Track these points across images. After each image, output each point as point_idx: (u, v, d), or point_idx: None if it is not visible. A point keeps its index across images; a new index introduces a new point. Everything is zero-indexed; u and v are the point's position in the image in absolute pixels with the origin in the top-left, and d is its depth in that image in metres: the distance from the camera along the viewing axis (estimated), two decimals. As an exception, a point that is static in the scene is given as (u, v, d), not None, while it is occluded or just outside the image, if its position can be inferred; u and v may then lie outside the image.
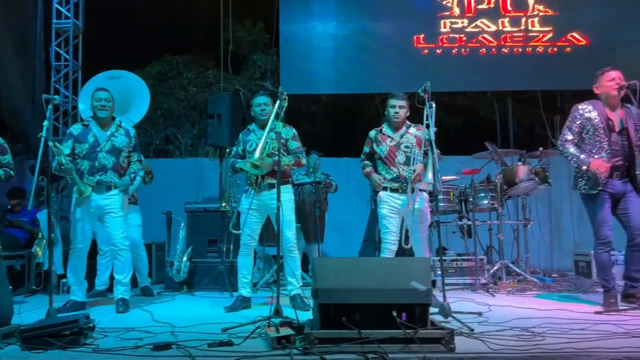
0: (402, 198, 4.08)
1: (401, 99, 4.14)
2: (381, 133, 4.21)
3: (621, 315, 3.47)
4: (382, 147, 4.16)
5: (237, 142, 4.30)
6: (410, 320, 2.50)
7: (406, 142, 4.11)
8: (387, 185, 4.11)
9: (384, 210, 4.11)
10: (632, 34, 7.35)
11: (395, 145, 4.13)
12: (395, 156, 4.11)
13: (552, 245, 7.73)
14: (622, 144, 3.80)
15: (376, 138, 4.21)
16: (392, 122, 4.16)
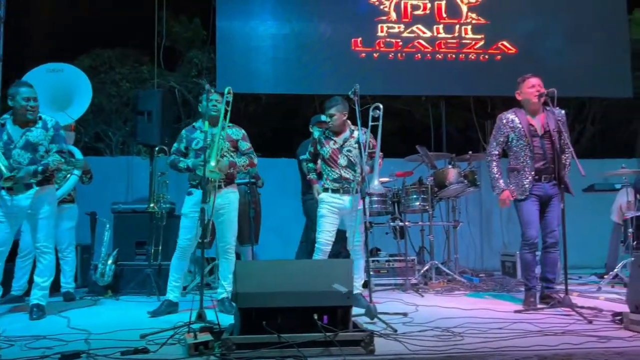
0: (343, 199, 4.11)
1: (330, 108, 4.16)
2: (325, 135, 4.25)
3: (538, 314, 3.62)
4: (325, 149, 4.22)
5: (179, 139, 4.14)
6: (332, 323, 2.49)
7: (349, 146, 4.16)
8: (329, 186, 4.14)
9: (323, 210, 4.14)
10: (557, 44, 7.72)
11: (337, 148, 4.17)
12: (338, 159, 4.15)
13: (482, 246, 8.00)
14: (546, 148, 3.96)
15: (320, 139, 4.26)
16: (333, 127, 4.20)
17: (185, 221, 3.94)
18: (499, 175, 4.08)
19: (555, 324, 3.19)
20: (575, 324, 3.19)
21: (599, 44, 7.82)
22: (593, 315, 3.40)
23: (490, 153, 4.15)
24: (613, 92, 8.34)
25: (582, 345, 2.58)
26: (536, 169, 3.93)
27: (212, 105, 3.95)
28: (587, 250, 7.17)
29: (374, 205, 5.69)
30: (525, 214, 3.94)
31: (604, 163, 7.65)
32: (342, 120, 4.16)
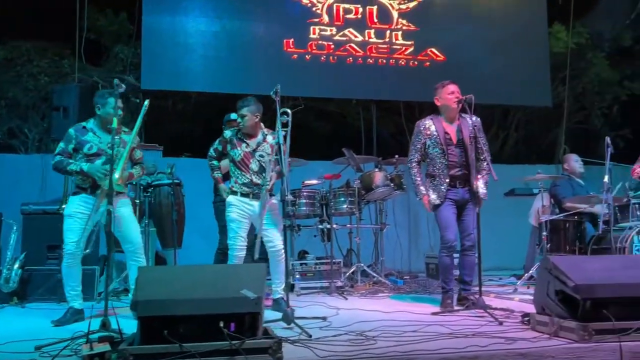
0: (252, 204, 4.00)
1: (241, 108, 4.02)
2: (237, 137, 4.09)
3: (454, 316, 3.68)
4: (236, 152, 4.05)
5: (67, 138, 3.79)
6: (239, 330, 2.39)
7: (261, 150, 4.05)
8: (238, 190, 4.01)
9: (233, 214, 3.99)
10: (482, 54, 7.99)
11: (250, 152, 4.04)
12: (249, 163, 4.02)
13: (410, 248, 8.14)
14: (460, 155, 4.05)
15: (231, 140, 4.09)
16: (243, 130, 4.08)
17: (70, 222, 3.68)
18: (420, 180, 4.13)
19: (468, 325, 3.25)
20: (486, 325, 3.26)
21: (522, 55, 8.18)
22: (505, 317, 3.49)
23: (410, 160, 4.21)
24: (534, 101, 8.75)
25: (488, 347, 2.62)
26: (451, 176, 4.01)
27: (112, 109, 3.67)
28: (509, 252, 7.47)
29: (302, 207, 5.65)
30: (443, 218, 4.02)
31: (526, 168, 7.98)
32: (254, 122, 4.02)
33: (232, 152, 4.06)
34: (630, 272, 2.94)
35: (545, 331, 2.93)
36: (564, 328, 2.81)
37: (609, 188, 4.83)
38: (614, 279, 2.88)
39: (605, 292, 2.81)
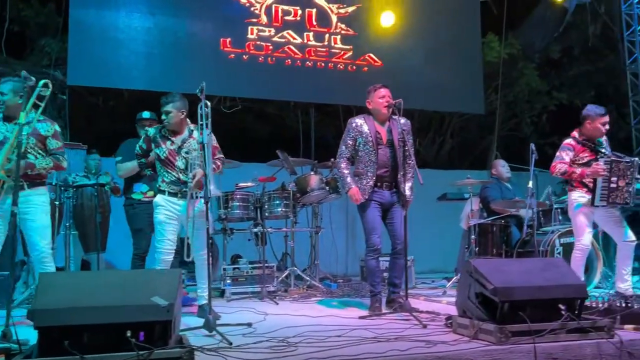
0: (180, 203, 3.85)
1: (166, 104, 3.88)
2: (161, 134, 3.93)
3: (381, 319, 3.67)
4: (161, 149, 3.89)
5: None
6: (149, 340, 2.26)
7: (188, 147, 3.90)
8: (165, 189, 3.84)
9: (160, 215, 3.82)
10: (418, 61, 8.14)
11: (175, 149, 3.89)
12: (175, 161, 3.87)
13: (348, 252, 8.16)
14: (389, 157, 4.08)
15: (155, 138, 3.91)
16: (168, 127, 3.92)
17: None
18: (347, 173, 4.13)
19: (393, 329, 3.24)
20: (411, 328, 3.27)
21: (456, 63, 8.40)
22: (430, 320, 3.52)
23: (339, 155, 4.21)
24: (468, 108, 9.02)
25: (408, 351, 2.61)
26: (378, 176, 4.03)
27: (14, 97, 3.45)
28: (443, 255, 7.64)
29: (235, 210, 5.52)
30: (368, 221, 4.03)
31: (459, 174, 8.18)
32: (179, 118, 3.88)
33: (156, 150, 3.90)
34: (546, 275, 3.03)
35: (466, 334, 2.96)
36: (483, 330, 2.85)
37: (533, 193, 4.99)
38: (531, 282, 2.95)
39: (523, 294, 2.88)
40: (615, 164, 4.19)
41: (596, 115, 4.30)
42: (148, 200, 4.68)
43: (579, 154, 4.30)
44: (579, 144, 4.33)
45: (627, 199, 4.21)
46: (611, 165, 4.17)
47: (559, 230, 5.27)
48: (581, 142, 4.33)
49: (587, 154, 4.29)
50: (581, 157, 4.29)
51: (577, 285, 3.01)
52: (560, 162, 4.30)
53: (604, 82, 11.36)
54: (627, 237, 4.26)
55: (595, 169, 4.14)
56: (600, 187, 4.16)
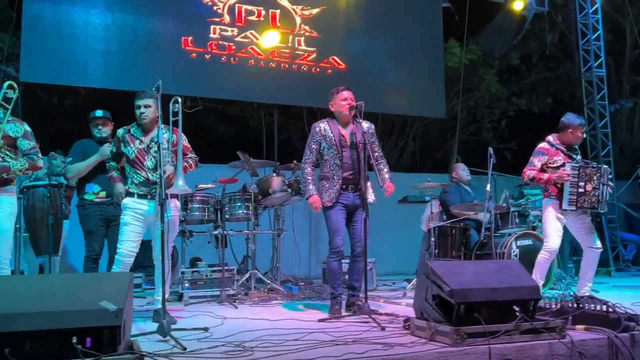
0: (149, 204, 3.75)
1: (147, 97, 3.82)
2: (129, 134, 3.84)
3: (340, 322, 3.65)
4: (129, 149, 3.80)
5: None
6: (97, 346, 2.17)
7: (156, 146, 3.80)
8: (134, 191, 3.75)
9: (127, 217, 3.73)
10: (382, 65, 8.20)
11: (144, 148, 3.80)
12: (144, 160, 3.79)
13: (311, 254, 8.14)
14: (354, 159, 4.08)
15: (124, 138, 3.84)
16: (140, 124, 3.84)
17: None
18: (311, 179, 4.13)
19: (351, 332, 3.23)
20: (369, 331, 3.26)
21: (419, 67, 8.51)
22: (388, 322, 3.52)
23: (304, 159, 4.21)
24: (430, 112, 9.14)
25: (365, 353, 2.60)
26: (343, 178, 4.03)
27: None
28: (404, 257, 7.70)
29: (194, 212, 5.43)
30: (332, 223, 4.02)
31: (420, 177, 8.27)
32: (156, 115, 3.78)
33: (124, 150, 3.83)
34: (501, 277, 3.07)
35: (423, 336, 2.97)
36: (439, 332, 2.87)
37: (491, 196, 5.09)
38: (486, 284, 2.99)
39: (478, 296, 2.91)
40: (582, 169, 4.32)
41: (578, 125, 4.45)
42: (100, 201, 4.56)
43: (553, 157, 4.42)
44: (553, 147, 4.44)
45: (595, 203, 4.34)
46: (579, 170, 4.29)
47: (515, 232, 5.38)
48: (555, 146, 4.44)
49: (560, 157, 4.41)
50: (555, 160, 4.41)
51: (530, 287, 3.07)
52: (530, 169, 4.41)
53: (561, 89, 11.75)
54: (595, 244, 4.39)
55: (560, 174, 4.27)
56: (568, 192, 4.28)
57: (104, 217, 4.61)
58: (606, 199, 4.45)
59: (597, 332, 3.05)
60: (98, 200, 4.60)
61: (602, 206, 4.40)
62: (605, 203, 4.45)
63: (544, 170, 4.41)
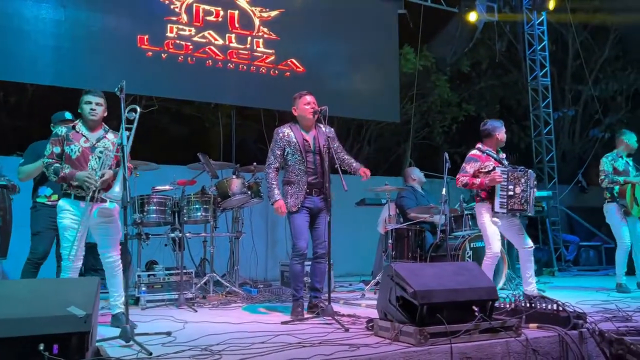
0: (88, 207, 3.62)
1: (99, 96, 3.71)
2: (74, 131, 3.69)
3: (304, 324, 3.69)
4: (73, 147, 3.62)
5: None
6: (64, 352, 2.11)
7: (102, 146, 3.70)
8: (72, 192, 3.60)
9: (65, 220, 3.56)
10: (339, 69, 8.32)
11: (89, 147, 3.67)
12: (88, 160, 3.65)
13: (267, 257, 8.13)
14: (317, 164, 4.13)
15: (67, 136, 3.65)
16: (88, 121, 3.69)
17: None
18: (275, 185, 4.13)
19: (316, 334, 3.27)
20: (333, 332, 3.31)
21: (375, 72, 8.67)
22: (351, 323, 3.59)
23: (268, 165, 4.21)
24: (384, 116, 9.33)
25: (332, 355, 2.65)
26: (309, 183, 4.07)
27: None
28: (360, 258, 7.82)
29: (151, 214, 5.32)
30: (296, 226, 4.05)
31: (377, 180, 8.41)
32: (104, 115, 3.71)
33: (67, 149, 3.62)
34: (460, 278, 3.19)
35: (387, 336, 3.05)
36: (403, 333, 2.95)
37: (446, 200, 5.25)
38: (447, 285, 3.10)
39: (440, 297, 3.01)
40: (511, 173, 4.55)
41: (501, 127, 4.74)
42: (51, 204, 4.40)
43: (484, 163, 4.62)
44: (484, 153, 4.66)
45: (524, 205, 4.57)
46: (508, 174, 4.52)
47: (469, 235, 5.58)
48: (486, 152, 4.67)
49: (491, 162, 4.62)
50: (486, 165, 4.62)
51: (488, 287, 3.20)
52: (463, 175, 4.61)
53: (508, 96, 12.25)
54: (526, 244, 4.62)
55: (492, 177, 4.48)
56: (499, 195, 4.49)
57: (54, 221, 4.45)
58: (533, 201, 4.71)
59: (549, 330, 3.22)
60: (50, 204, 4.45)
61: (530, 208, 4.65)
62: (532, 205, 4.70)
63: (476, 176, 4.61)
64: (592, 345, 3.22)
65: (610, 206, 5.74)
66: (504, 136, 4.76)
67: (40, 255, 4.46)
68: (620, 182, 5.62)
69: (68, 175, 3.55)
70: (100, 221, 3.63)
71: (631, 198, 5.61)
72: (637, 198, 5.61)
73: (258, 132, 8.98)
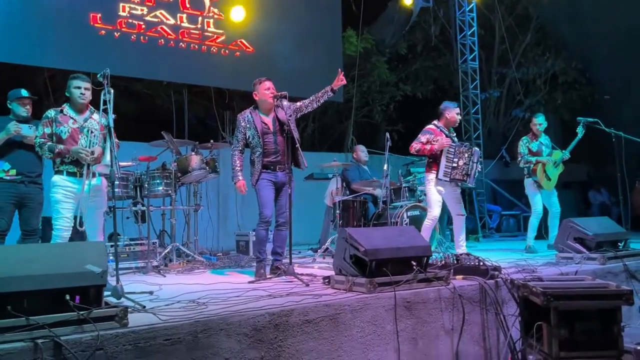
0: (79, 182, 3.98)
1: (87, 81, 4.05)
2: (62, 114, 4.01)
3: (268, 283, 4.24)
4: (63, 128, 3.97)
5: None
6: (84, 302, 2.55)
7: (89, 126, 4.03)
8: (64, 169, 3.95)
9: (58, 195, 3.92)
10: (286, 49, 8.72)
11: (78, 127, 4.01)
12: (78, 139, 3.99)
13: (219, 228, 8.58)
14: (279, 142, 4.61)
15: (56, 119, 3.98)
16: (77, 104, 4.02)
17: None
18: (239, 167, 4.62)
19: (282, 289, 3.82)
20: (296, 287, 3.87)
21: (319, 53, 9.14)
22: (310, 280, 4.17)
23: (233, 148, 4.69)
24: (329, 96, 9.84)
25: (301, 302, 3.22)
26: (269, 162, 4.57)
27: None
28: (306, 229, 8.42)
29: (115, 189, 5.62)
30: (262, 197, 4.55)
31: (323, 156, 9.02)
32: (90, 97, 4.04)
33: (57, 130, 3.95)
34: (402, 239, 3.84)
35: (342, 288, 3.66)
36: (356, 284, 3.57)
37: (387, 174, 5.93)
38: (391, 244, 3.74)
39: (386, 254, 3.64)
40: (457, 148, 5.28)
41: (453, 108, 5.50)
42: (10, 179, 4.56)
43: (437, 137, 5.34)
44: (438, 129, 5.38)
45: (465, 176, 5.31)
46: (455, 148, 5.24)
47: (406, 205, 6.30)
48: (440, 128, 5.41)
49: (442, 136, 5.36)
50: (437, 139, 5.33)
51: (424, 246, 3.88)
52: (416, 143, 5.32)
53: (442, 77, 13.11)
54: (461, 211, 5.39)
55: (441, 142, 5.20)
56: (445, 165, 5.21)
57: (13, 195, 4.58)
58: (475, 175, 5.48)
59: (472, 279, 3.95)
60: (8, 178, 4.58)
61: (470, 180, 5.44)
62: (473, 178, 5.48)
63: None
64: (505, 292, 3.98)
65: (528, 180, 6.63)
66: (454, 116, 5.47)
67: (3, 228, 4.62)
68: (533, 162, 6.50)
69: (63, 150, 3.89)
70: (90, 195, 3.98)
71: (542, 174, 6.50)
72: (547, 174, 6.53)
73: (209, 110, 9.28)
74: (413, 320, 3.52)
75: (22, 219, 4.69)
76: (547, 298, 3.37)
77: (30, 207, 4.62)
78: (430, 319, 3.61)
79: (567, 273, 4.48)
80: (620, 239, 5.28)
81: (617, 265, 4.81)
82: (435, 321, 3.62)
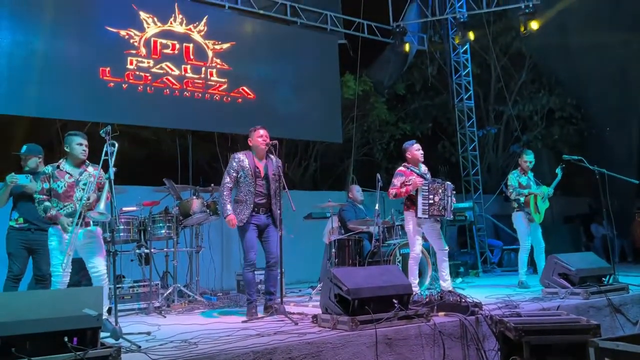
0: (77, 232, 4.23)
1: (85, 137, 4.38)
2: (59, 169, 4.31)
3: (259, 322, 4.46)
4: (59, 184, 4.26)
5: None
6: (81, 343, 2.81)
7: (85, 179, 4.34)
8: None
9: (54, 243, 4.20)
10: (286, 94, 9.17)
11: (74, 181, 4.30)
12: (74, 192, 4.27)
13: (223, 268, 8.80)
14: (266, 187, 4.93)
15: (53, 174, 4.27)
16: (78, 159, 4.33)
17: None
18: (228, 201, 4.91)
19: (271, 327, 4.05)
20: (285, 326, 4.10)
21: (318, 98, 9.59)
22: (300, 319, 4.39)
23: (223, 184, 4.97)
24: (328, 137, 10.25)
25: (286, 340, 3.44)
26: (255, 203, 4.86)
27: None
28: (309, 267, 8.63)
29: (120, 233, 5.92)
30: (247, 240, 4.83)
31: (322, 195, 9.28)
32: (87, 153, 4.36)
33: (54, 185, 4.25)
34: (384, 278, 4.06)
35: (327, 326, 3.87)
36: (340, 322, 3.78)
37: (379, 213, 6.18)
38: (374, 283, 3.96)
39: (367, 293, 3.86)
40: (431, 185, 5.54)
41: (411, 146, 5.80)
42: (19, 227, 4.94)
43: (408, 177, 5.61)
44: (408, 169, 5.65)
45: (442, 211, 5.55)
46: (428, 186, 5.50)
47: (399, 243, 6.51)
48: (410, 168, 5.69)
49: (414, 176, 5.61)
50: (410, 179, 5.61)
51: (405, 284, 4.10)
52: (392, 188, 5.62)
53: (440, 115, 13.45)
54: (443, 246, 5.61)
55: (414, 182, 5.47)
56: (421, 203, 5.45)
57: (24, 241, 4.97)
58: (451, 208, 5.70)
59: (453, 316, 4.14)
60: (17, 227, 4.97)
61: (448, 213, 5.66)
62: (450, 211, 5.70)
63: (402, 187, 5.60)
64: (486, 327, 4.16)
65: (518, 214, 6.81)
66: (415, 154, 5.74)
67: (16, 273, 4.97)
68: (525, 194, 6.71)
69: (54, 216, 4.18)
70: (86, 242, 4.27)
71: (534, 207, 6.71)
72: (538, 207, 6.73)
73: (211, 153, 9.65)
74: (394, 357, 3.70)
75: (34, 265, 5.02)
76: (519, 333, 3.57)
77: (40, 253, 4.92)
78: (412, 355, 3.79)
79: (549, 308, 4.64)
80: (604, 273, 5.44)
81: (600, 299, 4.96)
82: (417, 357, 3.80)
